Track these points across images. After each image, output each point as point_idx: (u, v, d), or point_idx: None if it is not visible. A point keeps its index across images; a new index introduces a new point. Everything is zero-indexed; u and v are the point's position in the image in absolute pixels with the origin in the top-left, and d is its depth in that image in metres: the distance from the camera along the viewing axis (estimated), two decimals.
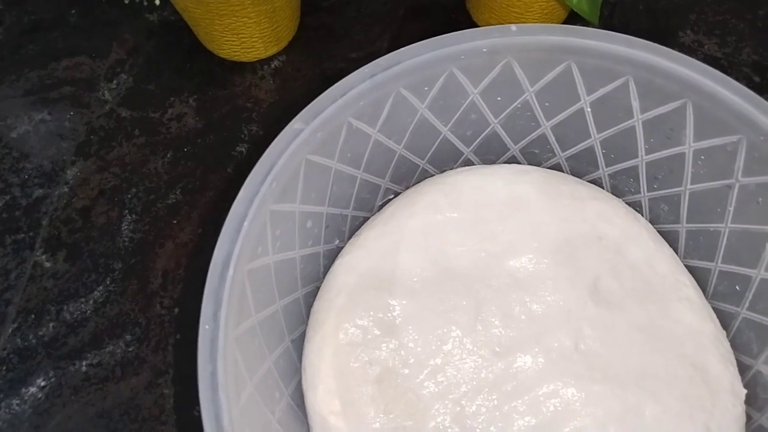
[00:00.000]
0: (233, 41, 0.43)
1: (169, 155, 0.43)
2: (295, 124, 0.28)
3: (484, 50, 0.31)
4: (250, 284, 0.28)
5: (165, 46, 0.47)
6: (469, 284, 0.33)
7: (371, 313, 0.33)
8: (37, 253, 0.40)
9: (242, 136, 0.44)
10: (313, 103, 0.29)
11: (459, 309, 0.33)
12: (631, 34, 0.47)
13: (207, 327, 0.24)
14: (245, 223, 0.27)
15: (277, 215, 0.29)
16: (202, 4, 0.39)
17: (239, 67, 0.46)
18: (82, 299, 0.39)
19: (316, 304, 0.34)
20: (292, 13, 0.44)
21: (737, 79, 0.45)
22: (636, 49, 0.30)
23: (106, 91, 0.45)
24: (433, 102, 0.33)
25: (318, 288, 0.35)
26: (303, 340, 0.34)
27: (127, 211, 0.42)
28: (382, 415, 0.31)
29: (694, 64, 0.30)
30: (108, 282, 0.40)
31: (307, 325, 0.34)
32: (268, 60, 0.46)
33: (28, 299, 0.39)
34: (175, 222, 0.41)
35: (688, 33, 0.48)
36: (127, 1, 0.33)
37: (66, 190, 0.42)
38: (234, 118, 0.45)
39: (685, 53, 0.47)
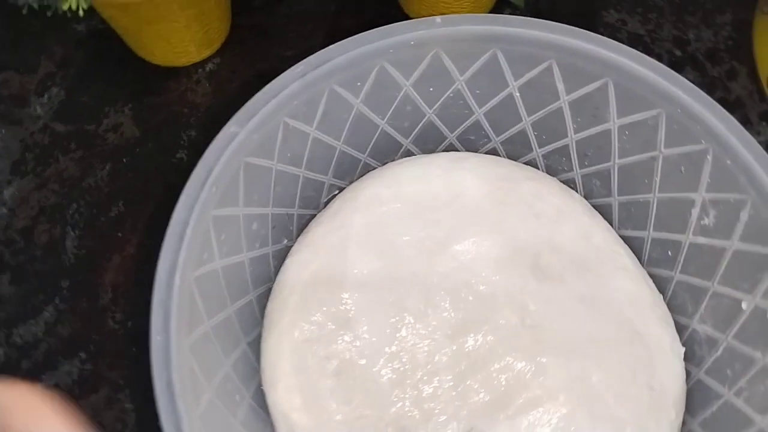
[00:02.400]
0: (164, 47, 0.43)
1: (108, 167, 0.43)
2: (231, 127, 0.29)
3: (412, 43, 0.32)
4: (198, 291, 0.28)
5: (95, 56, 0.46)
6: (418, 271, 0.34)
7: (324, 308, 0.33)
8: None
9: (182, 142, 0.44)
10: (246, 105, 0.29)
11: (410, 296, 0.33)
12: (557, 17, 0.49)
13: (158, 337, 0.25)
14: (188, 231, 0.27)
15: (220, 220, 0.29)
16: (129, 12, 0.38)
17: (173, 72, 0.46)
18: (32, 321, 0.38)
19: (269, 304, 0.35)
20: (222, 15, 0.44)
21: (660, 55, 0.48)
22: (556, 34, 0.32)
23: (38, 106, 0.44)
24: (367, 97, 0.33)
25: (270, 288, 0.35)
26: (259, 341, 0.34)
27: (69, 228, 0.41)
28: (343, 407, 0.31)
29: (611, 45, 0.31)
30: (57, 301, 0.39)
31: (262, 326, 0.34)
32: (202, 63, 0.46)
33: None
34: (120, 235, 0.41)
35: (612, 12, 0.50)
36: (50, 14, 0.32)
37: (5, 211, 0.41)
38: (172, 124, 0.44)
39: (609, 32, 0.49)
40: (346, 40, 0.31)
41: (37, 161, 0.43)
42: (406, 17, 0.48)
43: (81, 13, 0.33)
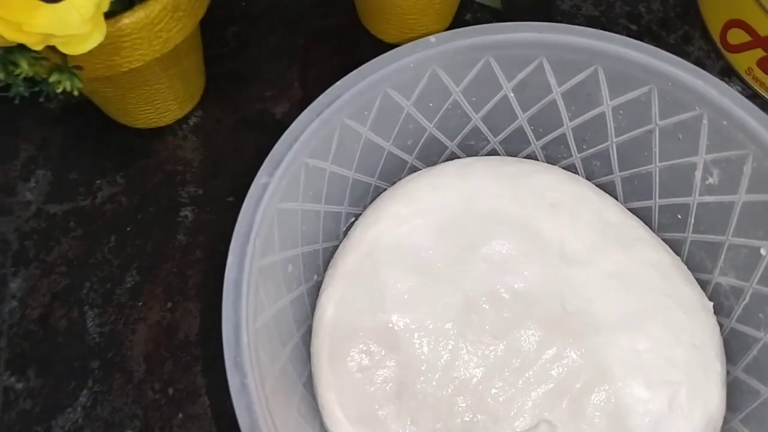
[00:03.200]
0: (149, 109, 0.42)
1: (113, 239, 0.42)
2: (261, 179, 0.29)
3: (411, 65, 0.33)
4: (260, 344, 0.28)
5: (75, 131, 0.45)
6: (453, 280, 0.35)
7: (371, 335, 0.34)
8: (4, 377, 0.38)
9: (182, 200, 0.43)
10: (271, 154, 0.30)
11: (450, 306, 0.34)
12: (515, 12, 0.51)
13: (241, 401, 0.25)
14: (243, 286, 0.27)
15: (264, 270, 0.29)
16: (112, 83, 0.38)
17: (158, 132, 0.45)
18: (69, 409, 0.37)
19: (314, 341, 0.35)
20: (199, 67, 0.44)
21: (617, 32, 0.50)
22: (543, 33, 0.33)
23: (26, 192, 0.43)
24: (373, 123, 0.34)
25: (310, 326, 0.35)
26: (311, 381, 0.34)
27: (87, 307, 0.40)
28: (412, 427, 0.32)
29: (595, 33, 0.33)
30: (90, 383, 0.38)
31: (311, 364, 0.34)
32: (185, 118, 0.46)
33: (9, 427, 0.37)
34: (140, 304, 0.40)
35: (565, 0, 0.52)
36: (27, 94, 0.31)
37: (15, 304, 0.40)
38: (168, 184, 0.44)
39: (567, 19, 0.51)
40: (350, 74, 0.31)
41: (39, 247, 0.42)
42: (373, 38, 0.49)
43: (75, 92, 0.32)
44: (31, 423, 0.37)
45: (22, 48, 0.29)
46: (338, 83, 0.31)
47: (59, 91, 0.32)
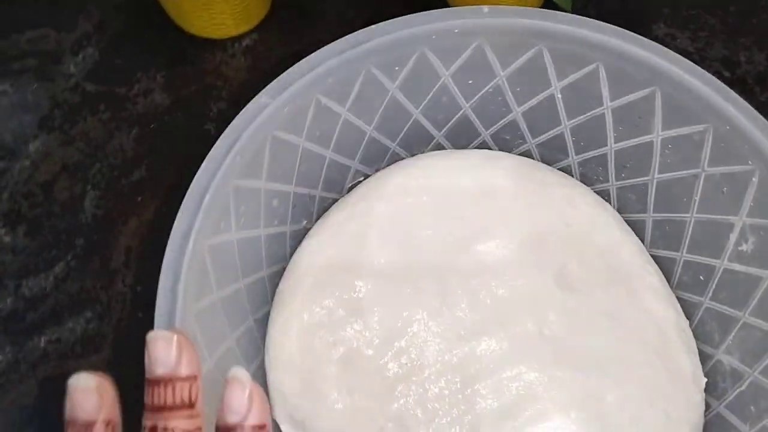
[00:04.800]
0: (203, 17, 0.42)
1: (134, 132, 0.42)
2: (261, 98, 0.28)
3: (456, 31, 0.31)
4: (211, 260, 0.27)
5: (133, 22, 0.46)
6: (437, 267, 0.33)
7: (337, 293, 0.32)
8: None
9: (210, 114, 0.43)
10: (280, 77, 0.29)
11: (425, 292, 0.32)
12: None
13: (163, 301, 0.24)
14: (206, 197, 0.26)
15: (241, 191, 0.28)
16: None
17: (210, 44, 0.45)
18: (42, 275, 0.38)
19: (281, 284, 0.34)
20: None
21: None
22: (607, 35, 0.30)
23: (71, 65, 0.44)
24: (404, 83, 0.32)
25: (284, 268, 0.34)
26: (267, 320, 0.33)
27: (90, 187, 0.41)
28: (345, 397, 0.31)
29: (664, 53, 0.30)
30: (69, 258, 0.39)
31: (271, 305, 0.33)
32: (239, 38, 0.45)
33: None
34: (139, 199, 0.40)
35: (662, 26, 0.48)
36: None
37: (28, 164, 0.41)
38: (203, 95, 0.44)
39: None
40: (388, 21, 0.30)
41: (65, 119, 0.42)
42: (447, 4, 0.47)
43: None
44: (5, 276, 0.38)
45: None
46: (372, 27, 0.30)
47: None
